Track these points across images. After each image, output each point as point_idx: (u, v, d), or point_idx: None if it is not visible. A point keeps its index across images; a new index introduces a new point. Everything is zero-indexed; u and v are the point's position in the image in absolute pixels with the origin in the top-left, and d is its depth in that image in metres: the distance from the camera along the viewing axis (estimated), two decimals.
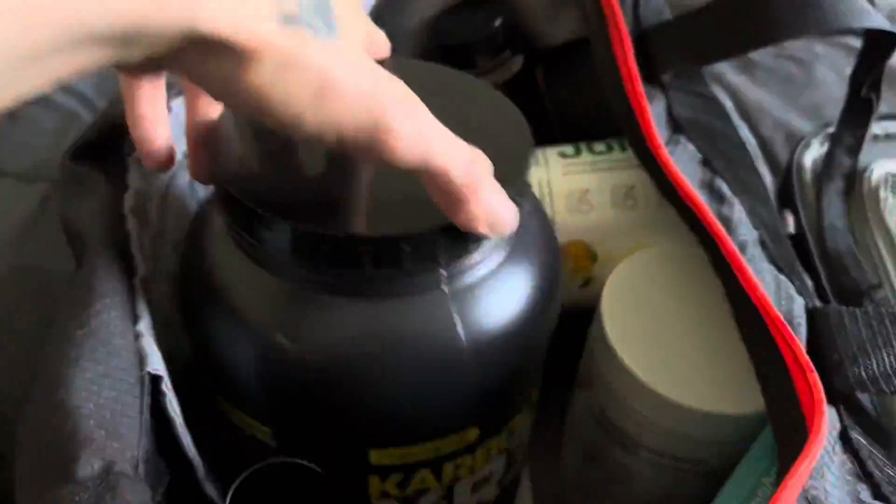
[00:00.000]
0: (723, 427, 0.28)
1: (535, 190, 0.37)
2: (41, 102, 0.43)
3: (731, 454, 0.28)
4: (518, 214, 0.23)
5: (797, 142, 0.46)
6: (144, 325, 0.24)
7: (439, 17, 0.42)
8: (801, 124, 0.59)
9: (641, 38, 0.36)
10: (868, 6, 0.35)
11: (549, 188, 0.37)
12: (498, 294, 0.26)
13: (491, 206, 0.22)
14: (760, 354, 0.25)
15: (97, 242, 0.24)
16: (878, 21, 0.35)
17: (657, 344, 0.30)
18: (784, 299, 0.26)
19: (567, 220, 0.36)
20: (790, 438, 0.21)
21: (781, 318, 0.24)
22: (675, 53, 0.35)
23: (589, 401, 0.33)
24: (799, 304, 0.26)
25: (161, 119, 0.26)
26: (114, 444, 0.21)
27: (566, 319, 0.39)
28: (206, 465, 0.25)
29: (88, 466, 0.20)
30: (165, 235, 0.30)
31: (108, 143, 0.29)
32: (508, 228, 0.23)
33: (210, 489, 0.25)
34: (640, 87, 0.33)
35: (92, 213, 0.25)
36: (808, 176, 0.43)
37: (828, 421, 0.21)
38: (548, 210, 0.37)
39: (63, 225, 0.27)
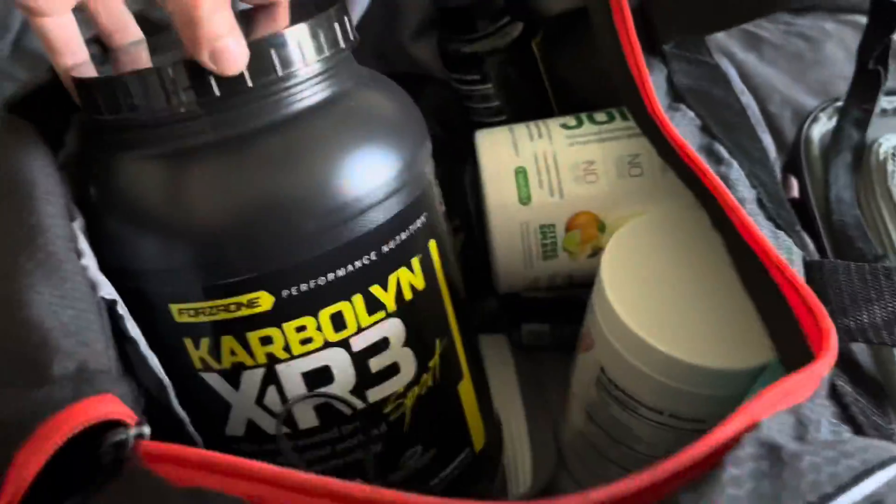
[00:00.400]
0: (720, 382, 0.29)
1: (540, 163, 0.37)
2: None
3: (729, 411, 0.29)
4: (244, 57, 0.24)
5: (805, 116, 0.46)
6: (89, 261, 0.25)
7: None
8: (808, 101, 0.59)
9: (641, 8, 0.36)
10: None
11: (555, 160, 0.37)
12: (279, 148, 0.26)
13: (212, 37, 0.23)
14: (764, 300, 0.25)
15: (34, 189, 0.25)
16: None
17: (655, 302, 0.31)
18: (784, 251, 0.26)
19: (574, 192, 0.37)
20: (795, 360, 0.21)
21: (784, 261, 0.24)
22: (675, 23, 0.35)
23: (590, 361, 0.33)
24: (797, 255, 0.26)
25: (74, 50, 0.28)
26: (84, 350, 0.22)
27: (577, 288, 0.40)
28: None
29: (63, 367, 0.21)
30: None
31: (47, 97, 0.30)
32: (229, 66, 0.24)
33: (181, 411, 0.26)
34: (641, 56, 0.33)
35: (29, 163, 0.26)
36: (815, 149, 0.43)
37: (834, 352, 0.21)
38: (553, 181, 0.37)
39: None
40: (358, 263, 0.28)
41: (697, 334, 0.29)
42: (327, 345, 0.28)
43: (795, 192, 0.38)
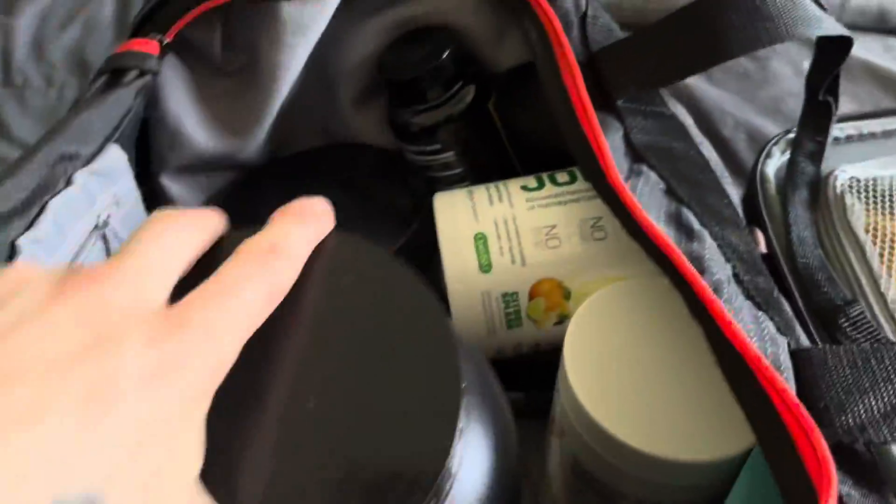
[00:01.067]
0: (702, 473, 0.27)
1: (500, 228, 0.35)
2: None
3: (715, 496, 0.28)
4: None
5: (759, 149, 0.45)
6: None
7: (383, 52, 0.40)
8: (760, 122, 0.59)
9: (592, 62, 0.34)
10: (819, 12, 0.35)
11: (515, 225, 0.35)
12: None
13: None
14: (751, 406, 0.23)
15: None
16: (830, 27, 0.35)
17: (625, 391, 0.28)
18: (769, 342, 0.24)
19: (536, 258, 0.35)
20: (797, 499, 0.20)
21: (772, 370, 0.22)
22: (627, 77, 0.34)
23: (564, 450, 0.31)
24: (784, 349, 0.25)
25: None
26: None
27: (544, 356, 0.38)
28: None
29: None
30: None
31: None
32: None
33: None
34: (595, 120, 0.31)
35: None
36: (772, 188, 0.42)
37: (836, 486, 0.19)
38: (514, 247, 0.35)
39: None
40: None
41: (674, 424, 0.27)
42: None
43: (763, 247, 0.37)
